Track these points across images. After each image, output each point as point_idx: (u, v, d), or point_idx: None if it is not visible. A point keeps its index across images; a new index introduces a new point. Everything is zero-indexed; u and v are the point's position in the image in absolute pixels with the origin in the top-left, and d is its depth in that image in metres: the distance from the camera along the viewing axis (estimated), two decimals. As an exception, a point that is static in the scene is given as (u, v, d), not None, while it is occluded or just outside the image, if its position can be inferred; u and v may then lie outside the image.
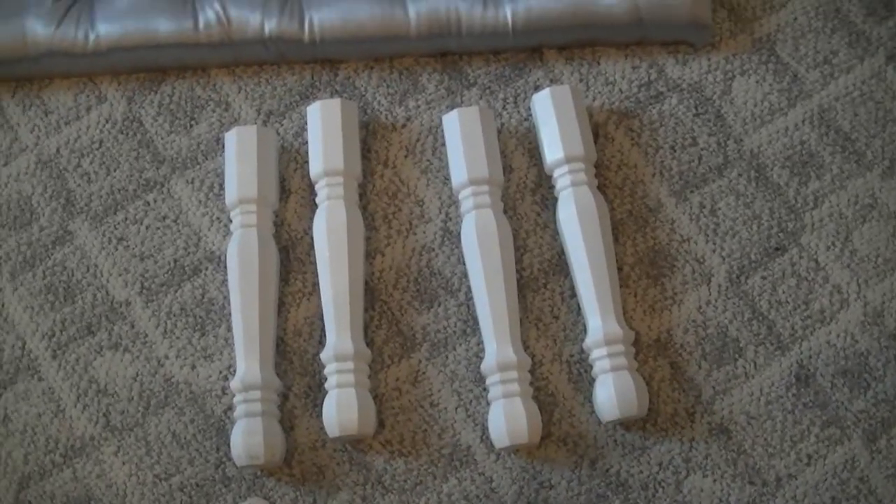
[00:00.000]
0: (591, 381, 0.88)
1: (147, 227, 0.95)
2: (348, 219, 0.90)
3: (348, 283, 0.89)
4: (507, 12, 0.95)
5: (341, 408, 0.86)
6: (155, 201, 0.95)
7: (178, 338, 0.92)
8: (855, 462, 0.87)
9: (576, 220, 0.89)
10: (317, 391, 0.90)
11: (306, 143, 0.96)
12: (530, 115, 0.97)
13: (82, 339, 0.92)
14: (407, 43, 0.96)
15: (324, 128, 0.93)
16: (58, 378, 0.91)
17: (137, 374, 0.91)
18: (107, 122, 0.99)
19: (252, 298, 0.89)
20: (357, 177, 0.93)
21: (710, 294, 0.91)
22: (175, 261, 0.94)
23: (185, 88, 0.99)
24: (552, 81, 0.97)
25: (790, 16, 0.99)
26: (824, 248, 0.92)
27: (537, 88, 0.97)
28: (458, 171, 0.92)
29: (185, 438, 0.89)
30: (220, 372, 0.91)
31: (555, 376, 0.89)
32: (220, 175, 0.96)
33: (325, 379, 0.88)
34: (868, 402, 0.88)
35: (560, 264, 0.92)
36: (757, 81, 0.97)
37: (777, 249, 0.92)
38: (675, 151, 0.95)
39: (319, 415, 0.88)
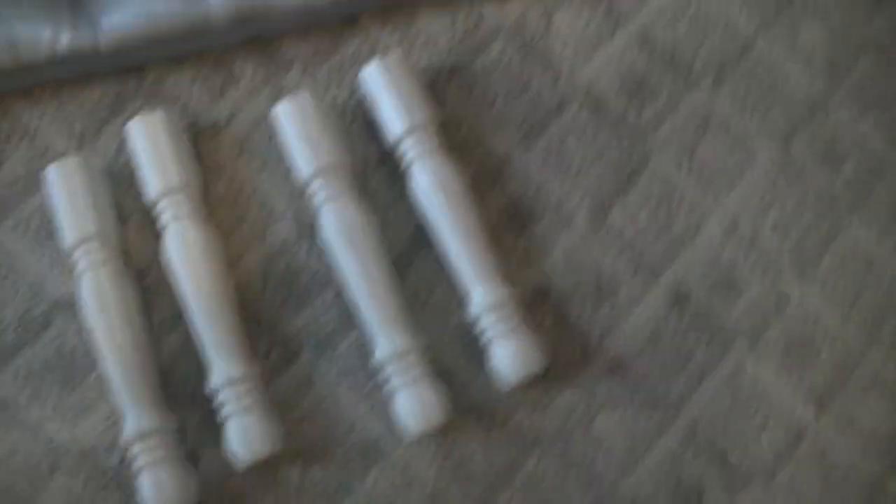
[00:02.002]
0: (484, 348, 1.10)
1: None
2: (202, 238, 1.06)
3: (219, 303, 1.05)
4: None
5: (249, 433, 1.03)
6: None
7: (47, 397, 1.06)
8: (740, 366, 1.13)
9: (433, 189, 1.09)
10: (210, 420, 1.06)
11: (130, 161, 1.11)
12: (356, 88, 1.16)
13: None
14: (215, 37, 1.13)
15: (150, 145, 1.08)
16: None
17: (15, 447, 1.05)
18: None
19: (122, 339, 1.03)
20: (198, 188, 1.10)
21: (575, 235, 1.15)
22: (20, 316, 1.08)
23: None
24: (372, 49, 1.17)
25: (594, -59, 1.26)
26: (674, 168, 1.18)
27: (357, 58, 1.16)
28: (303, 162, 1.10)
29: (85, 501, 1.05)
30: (104, 421, 1.06)
31: (444, 352, 1.10)
32: (46, 213, 1.10)
33: (221, 406, 1.04)
34: (742, 309, 1.15)
35: (419, 239, 1.13)
36: (576, 12, 1.21)
37: (630, 177, 1.17)
38: (510, 99, 1.17)
39: (219, 444, 1.06)
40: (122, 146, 1.12)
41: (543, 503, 1.08)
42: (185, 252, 1.06)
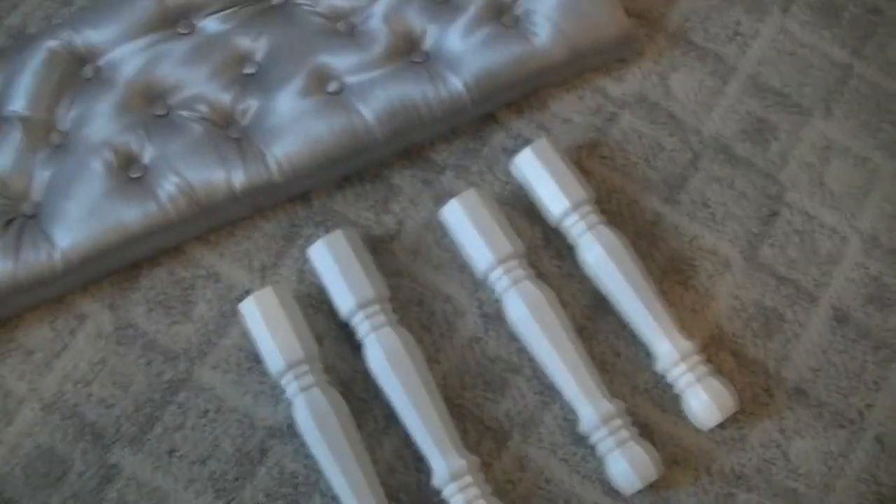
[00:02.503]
0: (678, 398, 1.13)
1: (193, 429, 1.10)
2: (403, 341, 1.10)
3: (430, 401, 1.08)
4: (459, 84, 1.18)
5: None
6: (188, 400, 1.11)
7: (279, 525, 1.11)
8: None
9: (605, 258, 1.14)
10: None
11: (311, 285, 1.15)
12: (510, 178, 1.20)
13: None
14: (374, 150, 1.17)
15: (338, 263, 1.11)
16: None
17: None
18: (98, 338, 1.13)
19: (347, 457, 1.06)
20: (387, 298, 1.13)
21: (735, 278, 1.19)
22: (238, 450, 1.10)
23: (166, 274, 1.15)
24: (514, 139, 1.21)
25: (689, 3, 1.29)
26: (808, 198, 1.22)
27: (504, 150, 1.21)
28: (480, 255, 1.13)
29: None
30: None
31: (640, 408, 1.14)
32: (243, 349, 1.12)
33: (448, 501, 1.07)
34: (898, 319, 1.23)
35: (597, 307, 1.16)
36: (688, 72, 1.26)
37: (771, 216, 1.22)
38: (649, 162, 1.22)
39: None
40: (302, 273, 1.16)
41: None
42: (390, 357, 1.09)
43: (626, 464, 1.09)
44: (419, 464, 1.10)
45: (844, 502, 1.15)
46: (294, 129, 1.15)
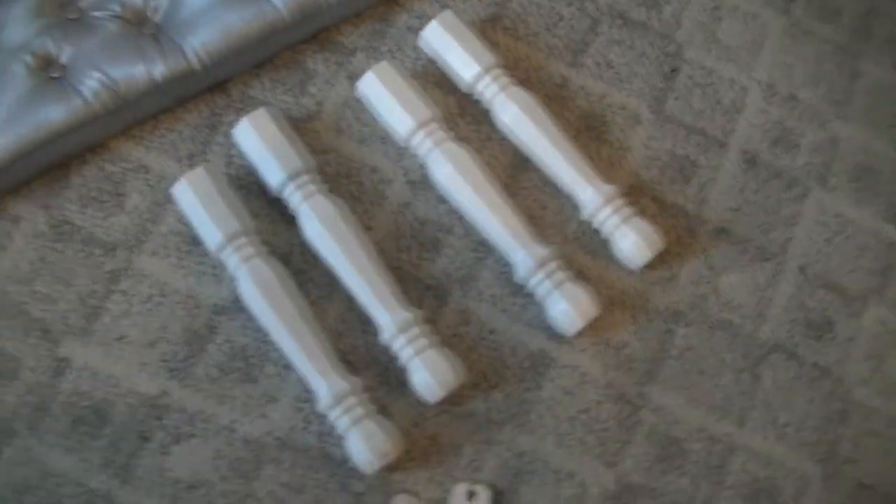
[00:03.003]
0: (606, 242, 1.14)
1: (139, 314, 1.08)
2: (336, 206, 1.10)
3: (370, 262, 1.08)
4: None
5: (435, 369, 1.05)
6: (131, 287, 1.09)
7: (235, 398, 1.06)
8: (821, 204, 1.20)
9: (521, 115, 1.15)
10: (388, 375, 1.08)
11: (240, 168, 1.14)
12: (420, 55, 1.20)
13: (141, 450, 1.04)
14: (285, 34, 1.16)
15: (264, 139, 1.10)
16: (139, 493, 1.03)
17: (218, 452, 1.05)
18: (35, 237, 1.11)
19: (298, 321, 1.05)
20: (315, 168, 1.12)
21: (646, 130, 1.21)
22: (186, 330, 1.08)
23: (96, 171, 1.13)
24: (420, 18, 1.22)
25: None
26: (705, 54, 1.25)
27: (410, 29, 1.22)
28: (402, 119, 1.13)
29: (297, 486, 1.04)
30: (292, 405, 1.07)
31: (571, 256, 1.13)
32: (180, 233, 1.11)
33: (400, 352, 1.06)
34: (805, 156, 1.22)
35: (517, 166, 1.17)
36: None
37: (673, 71, 1.24)
38: (550, 30, 1.24)
39: (404, 394, 1.07)
40: (229, 158, 1.14)
41: (701, 366, 1.13)
42: (325, 222, 1.08)
43: (565, 304, 1.10)
44: (365, 326, 1.09)
45: (776, 329, 1.17)
46: (207, 20, 1.14)
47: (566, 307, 1.09)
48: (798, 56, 1.27)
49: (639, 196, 1.18)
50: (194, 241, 1.10)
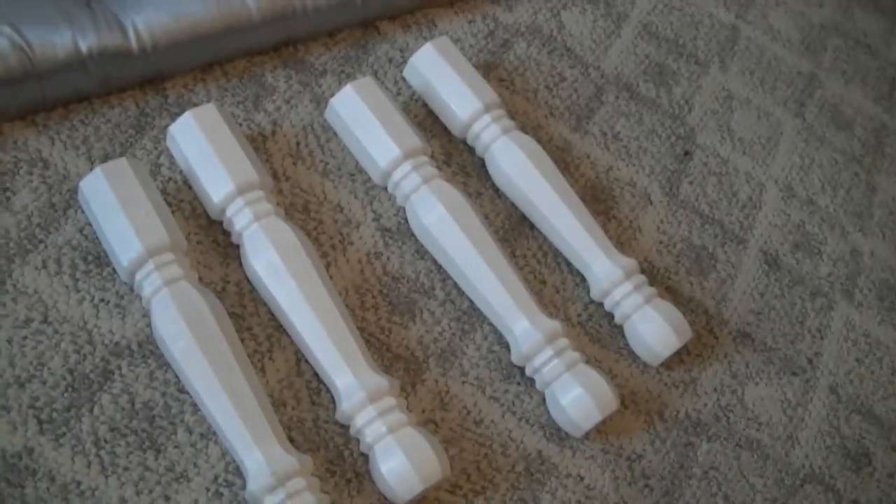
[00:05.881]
0: (619, 329, 0.81)
1: (9, 342, 0.68)
2: (295, 234, 0.73)
3: (336, 310, 0.72)
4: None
5: (415, 455, 0.68)
6: (3, 305, 0.69)
7: (128, 470, 0.66)
8: (849, 320, 0.90)
9: (526, 163, 0.82)
10: (341, 464, 0.70)
11: (168, 181, 0.77)
12: (401, 88, 0.87)
13: None
14: (250, 35, 0.82)
15: (210, 139, 0.74)
16: None
17: None
18: None
19: (234, 371, 0.67)
20: (271, 188, 0.77)
21: (658, 212, 0.90)
22: (70, 372, 0.68)
23: None
24: (403, 51, 0.89)
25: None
26: (719, 143, 0.96)
27: (391, 61, 0.89)
28: (384, 145, 0.79)
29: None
30: (209, 489, 0.67)
31: (574, 344, 0.79)
32: (79, 248, 0.72)
33: (361, 433, 0.69)
34: (829, 266, 0.93)
35: (513, 229, 0.84)
36: (580, 12, 0.99)
37: (686, 154, 0.94)
38: (551, 90, 0.93)
39: (363, 487, 0.69)
40: (156, 167, 0.77)
41: (727, 491, 0.78)
42: (281, 251, 0.72)
43: (581, 390, 0.74)
44: (315, 396, 0.72)
45: (811, 455, 0.84)
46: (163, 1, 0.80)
47: (582, 395, 0.74)
48: (813, 161, 0.99)
49: (651, 284, 0.85)
50: (97, 261, 0.72)
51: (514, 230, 0.84)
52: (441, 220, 0.78)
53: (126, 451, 0.67)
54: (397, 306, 0.78)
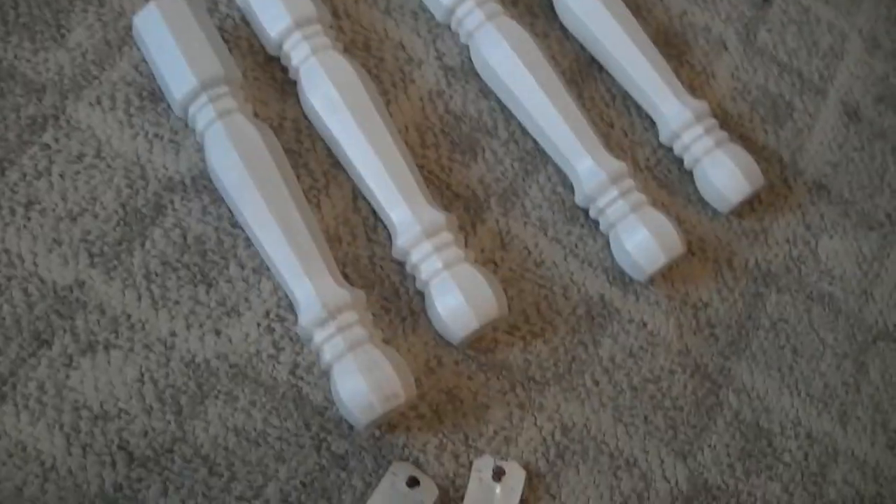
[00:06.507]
0: (688, 174, 0.76)
1: (61, 176, 0.66)
2: (354, 68, 0.69)
3: (394, 146, 0.68)
4: None
5: (471, 291, 0.65)
6: (57, 141, 0.66)
7: (178, 303, 0.64)
8: None
9: (599, 5, 0.76)
10: (397, 300, 0.68)
11: (227, 19, 0.72)
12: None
13: (37, 358, 0.61)
14: None
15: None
16: (23, 418, 0.61)
17: (142, 375, 0.62)
18: None
19: (288, 204, 0.64)
20: (329, 23, 0.72)
21: (733, 59, 0.84)
22: (123, 206, 0.66)
23: None
24: None
25: None
26: (801, -12, 0.92)
27: None
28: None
29: (253, 435, 0.63)
30: (259, 323, 0.65)
31: (641, 185, 0.74)
32: (134, 84, 0.69)
33: (417, 269, 0.66)
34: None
35: (581, 70, 0.78)
36: None
37: (765, 1, 0.88)
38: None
39: (418, 325, 0.67)
40: (213, 3, 0.73)
41: (796, 344, 0.74)
42: (339, 86, 0.68)
43: (646, 232, 0.70)
44: (372, 233, 0.69)
45: (886, 312, 0.79)
46: None
47: (647, 237, 0.70)
48: (902, 12, 0.95)
49: (725, 131, 0.79)
50: (152, 97, 0.69)
51: (581, 72, 0.79)
52: (505, 58, 0.73)
53: (177, 285, 0.65)
54: (459, 145, 0.74)
